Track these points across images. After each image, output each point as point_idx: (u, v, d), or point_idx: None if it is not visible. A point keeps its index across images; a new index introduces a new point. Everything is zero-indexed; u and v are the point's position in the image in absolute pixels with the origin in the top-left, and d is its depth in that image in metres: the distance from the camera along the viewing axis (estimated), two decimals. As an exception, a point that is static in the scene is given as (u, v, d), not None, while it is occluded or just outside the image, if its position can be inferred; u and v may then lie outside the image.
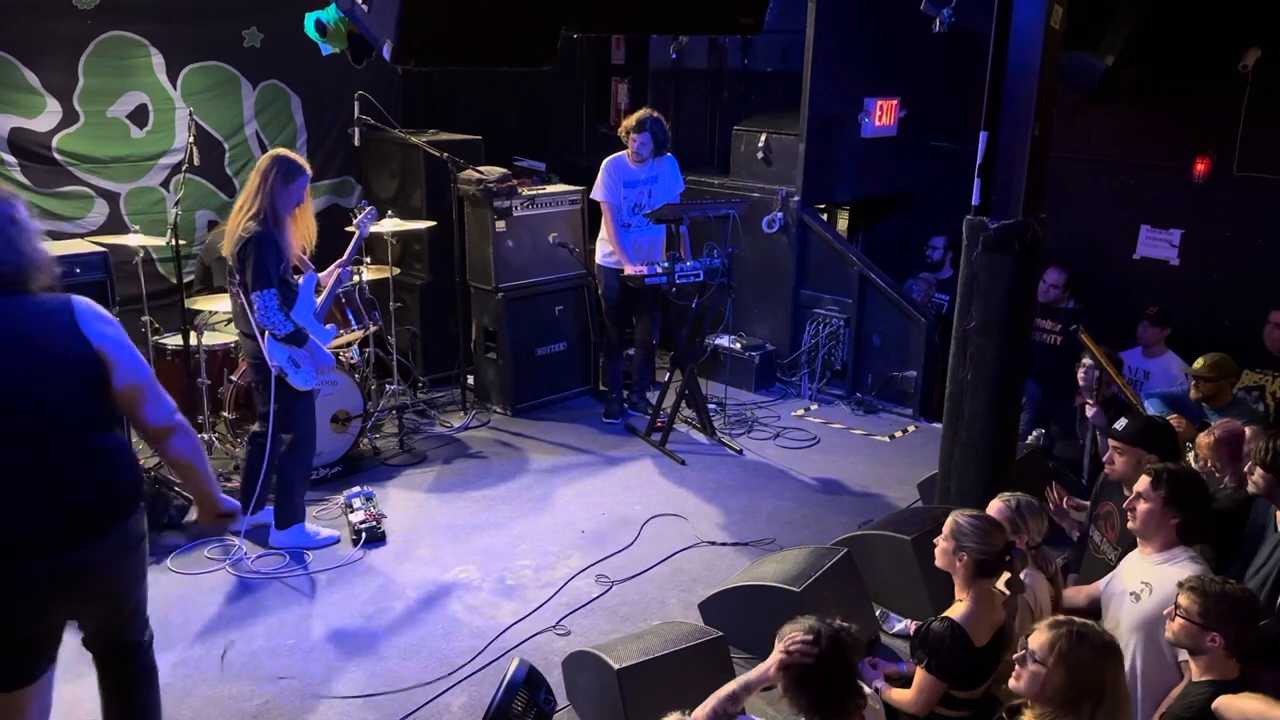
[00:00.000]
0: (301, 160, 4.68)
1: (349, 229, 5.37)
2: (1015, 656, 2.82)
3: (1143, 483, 3.64)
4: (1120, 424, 4.25)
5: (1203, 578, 3.17)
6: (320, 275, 5.05)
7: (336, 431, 5.69)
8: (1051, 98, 4.15)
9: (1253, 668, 3.20)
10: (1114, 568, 3.96)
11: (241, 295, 4.63)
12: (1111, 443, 4.22)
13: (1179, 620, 3.07)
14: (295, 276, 4.81)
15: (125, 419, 3.14)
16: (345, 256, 5.16)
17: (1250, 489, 3.85)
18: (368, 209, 5.41)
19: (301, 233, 4.77)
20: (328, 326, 5.02)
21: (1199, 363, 5.21)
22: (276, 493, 4.97)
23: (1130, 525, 3.72)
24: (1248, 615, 3.06)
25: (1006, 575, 3.41)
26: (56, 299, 2.82)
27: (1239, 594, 3.07)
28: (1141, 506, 3.61)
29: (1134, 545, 3.80)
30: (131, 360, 2.86)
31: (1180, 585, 3.16)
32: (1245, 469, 3.89)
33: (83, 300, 2.85)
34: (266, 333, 4.61)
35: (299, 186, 4.61)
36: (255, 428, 4.98)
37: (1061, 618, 2.85)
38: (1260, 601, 3.24)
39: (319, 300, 4.97)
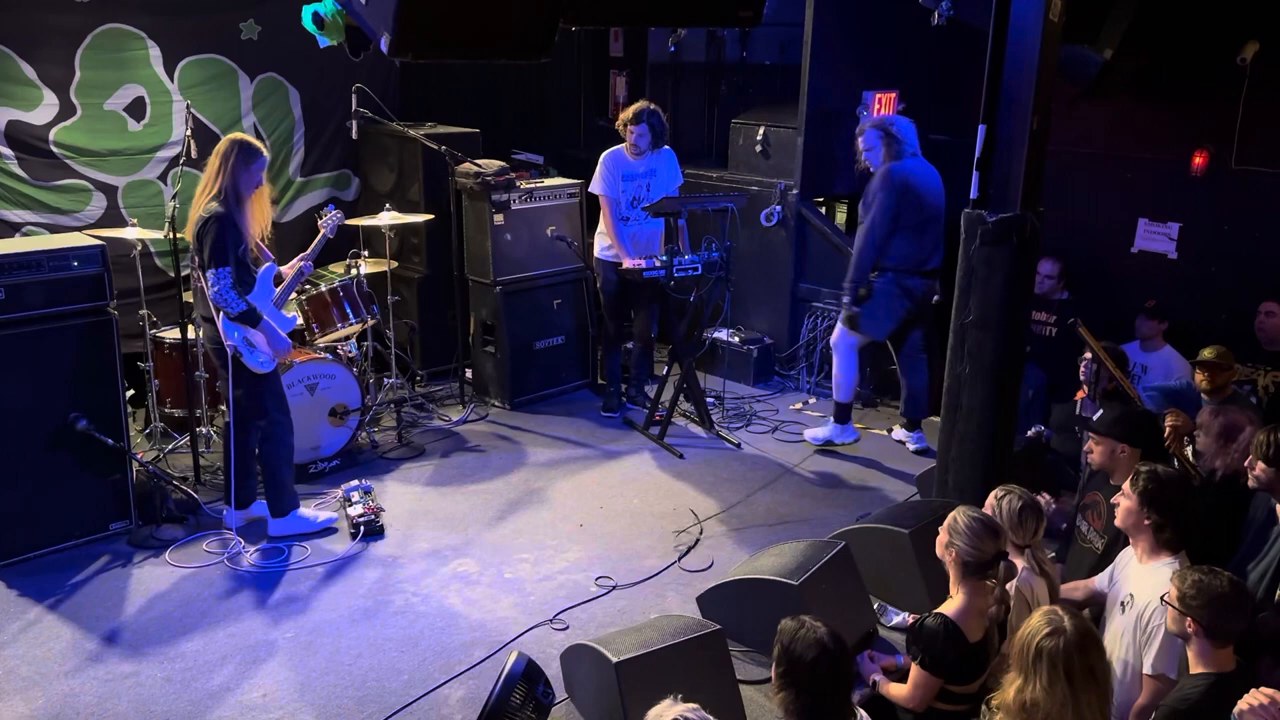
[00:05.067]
0: (260, 144, 4.77)
1: (322, 225, 5.32)
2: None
3: (1129, 480, 3.68)
4: (1097, 415, 4.29)
5: (1187, 567, 3.22)
6: (282, 268, 5.07)
7: (334, 425, 5.69)
8: (1050, 91, 4.15)
9: (1263, 665, 3.21)
10: (1100, 556, 4.01)
11: (199, 275, 4.66)
12: (1090, 433, 4.28)
13: (1169, 610, 3.13)
14: (256, 267, 4.84)
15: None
16: (309, 251, 5.19)
17: (1250, 483, 3.86)
18: (334, 211, 5.43)
19: (259, 217, 4.82)
20: (289, 315, 5.03)
21: (1208, 351, 5.17)
22: (265, 481, 5.00)
23: (1116, 521, 3.76)
24: (1230, 604, 3.04)
25: (992, 583, 3.42)
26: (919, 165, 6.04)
27: (1221, 583, 3.07)
28: (1122, 504, 3.66)
29: (1119, 535, 3.85)
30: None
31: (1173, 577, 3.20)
32: (1246, 463, 3.90)
33: (894, 170, 5.93)
34: (221, 312, 4.64)
35: (258, 168, 4.72)
36: (228, 418, 4.97)
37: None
38: (1247, 591, 3.23)
39: (278, 291, 5.00)
